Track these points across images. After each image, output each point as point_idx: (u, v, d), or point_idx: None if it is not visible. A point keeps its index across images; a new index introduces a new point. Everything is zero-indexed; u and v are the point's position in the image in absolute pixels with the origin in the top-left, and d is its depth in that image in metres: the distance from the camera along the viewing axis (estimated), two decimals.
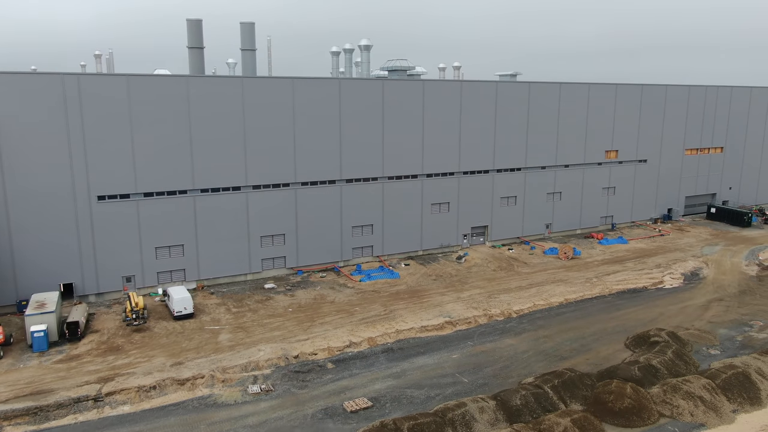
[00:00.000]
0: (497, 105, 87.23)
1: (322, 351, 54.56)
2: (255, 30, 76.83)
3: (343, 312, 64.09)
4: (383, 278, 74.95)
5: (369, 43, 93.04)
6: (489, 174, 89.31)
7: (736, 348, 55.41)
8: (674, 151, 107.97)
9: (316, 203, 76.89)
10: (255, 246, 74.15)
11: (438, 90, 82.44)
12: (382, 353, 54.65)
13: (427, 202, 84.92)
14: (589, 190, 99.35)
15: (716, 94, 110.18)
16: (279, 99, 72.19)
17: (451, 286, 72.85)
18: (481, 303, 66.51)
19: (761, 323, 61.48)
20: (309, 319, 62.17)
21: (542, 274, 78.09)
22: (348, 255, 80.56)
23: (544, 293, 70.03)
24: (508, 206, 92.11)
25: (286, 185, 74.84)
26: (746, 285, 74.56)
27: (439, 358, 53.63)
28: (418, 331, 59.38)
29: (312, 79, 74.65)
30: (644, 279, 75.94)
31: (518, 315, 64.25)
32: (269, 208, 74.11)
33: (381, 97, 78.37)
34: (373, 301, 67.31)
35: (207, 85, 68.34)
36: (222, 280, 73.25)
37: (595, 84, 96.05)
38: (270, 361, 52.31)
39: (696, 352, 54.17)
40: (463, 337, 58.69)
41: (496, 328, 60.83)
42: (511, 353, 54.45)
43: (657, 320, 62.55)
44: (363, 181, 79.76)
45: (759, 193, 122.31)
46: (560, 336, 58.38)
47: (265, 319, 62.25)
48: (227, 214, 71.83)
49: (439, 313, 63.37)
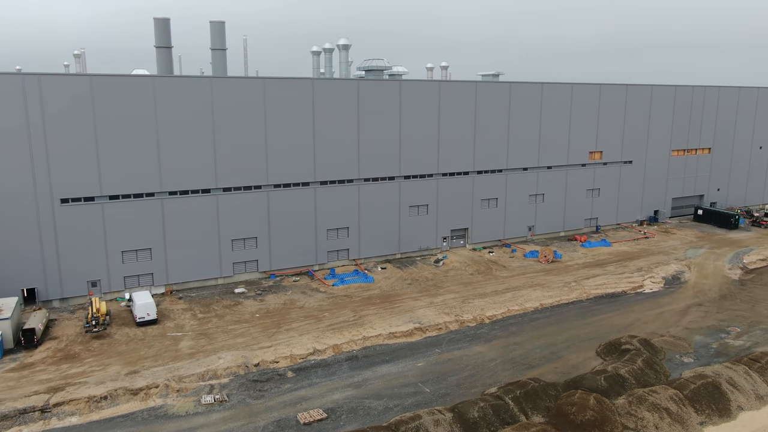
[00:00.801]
0: (477, 105, 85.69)
1: (285, 359, 53.03)
2: (225, 29, 75.44)
3: (311, 318, 62.57)
4: (357, 282, 73.43)
5: (347, 42, 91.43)
6: (469, 176, 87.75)
7: (711, 356, 53.87)
8: (660, 152, 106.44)
9: (290, 205, 75.36)
10: (226, 250, 72.62)
11: (415, 90, 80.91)
12: (346, 361, 53.12)
13: (405, 205, 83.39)
14: (572, 192, 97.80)
15: (703, 94, 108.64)
16: (250, 99, 70.67)
17: (426, 291, 71.33)
18: (454, 308, 64.98)
19: (738, 330, 59.94)
20: (275, 325, 60.65)
21: (520, 278, 76.55)
22: (323, 258, 79.04)
23: (520, 298, 68.49)
24: (489, 208, 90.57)
25: (258, 187, 73.31)
26: (728, 289, 73.01)
27: (404, 366, 52.10)
28: (385, 338, 57.85)
29: (284, 80, 73.11)
30: (624, 283, 74.39)
31: (491, 321, 62.73)
32: (240, 211, 72.60)
33: (356, 98, 76.83)
34: (344, 307, 65.78)
35: (174, 86, 66.81)
36: (192, 285, 71.72)
37: (579, 84, 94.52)
38: (229, 369, 50.78)
39: (668, 360, 52.64)
40: (431, 344, 57.17)
41: (466, 334, 59.30)
42: (478, 361, 52.91)
43: (632, 326, 61.03)
44: (338, 183, 78.23)
45: (748, 195, 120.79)
46: (531, 343, 56.84)
47: (231, 325, 60.73)
48: (196, 217, 70.30)
49: (409, 318, 61.83)
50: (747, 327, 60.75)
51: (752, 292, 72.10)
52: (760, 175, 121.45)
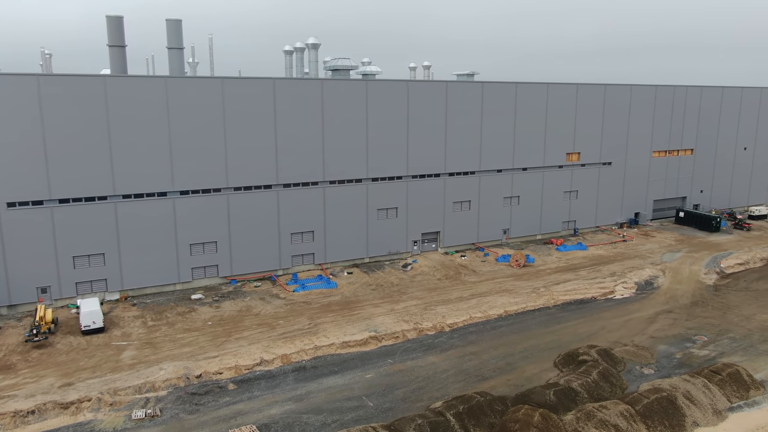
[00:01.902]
0: (448, 106, 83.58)
1: (229, 370, 50.95)
2: (182, 28, 73.26)
3: (265, 326, 60.50)
4: (319, 288, 71.34)
5: (317, 41, 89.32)
6: (440, 178, 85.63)
7: (673, 367, 51.75)
8: (641, 153, 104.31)
9: (251, 209, 73.27)
10: (184, 254, 70.54)
11: (383, 90, 78.81)
12: (293, 372, 51.04)
13: (373, 208, 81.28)
14: (549, 194, 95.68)
15: (685, 94, 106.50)
16: (208, 100, 68.59)
17: (389, 297, 69.23)
18: (414, 315, 62.89)
19: (705, 338, 57.83)
20: (226, 333, 58.58)
21: (488, 283, 74.44)
22: (287, 263, 76.94)
23: (485, 305, 66.39)
24: (462, 211, 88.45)
25: (217, 190, 71.22)
26: (700, 295, 70.90)
27: (351, 378, 50.01)
28: (338, 347, 55.77)
29: (243, 79, 71.06)
30: (594, 289, 72.28)
31: (451, 329, 60.64)
32: (199, 215, 70.51)
33: (320, 98, 74.73)
34: (301, 314, 63.71)
35: (127, 86, 64.70)
36: (148, 291, 69.65)
37: (555, 84, 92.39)
38: (169, 381, 48.71)
39: (628, 372, 50.53)
40: (386, 353, 55.08)
41: (423, 343, 57.21)
42: (429, 373, 50.82)
43: (597, 335, 58.95)
44: (302, 186, 76.13)
45: (732, 197, 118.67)
46: (488, 353, 54.74)
47: (180, 333, 58.65)
48: (152, 221, 68.20)
49: (366, 327, 59.74)
50: (715, 335, 58.64)
51: (726, 298, 69.98)
52: (744, 177, 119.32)
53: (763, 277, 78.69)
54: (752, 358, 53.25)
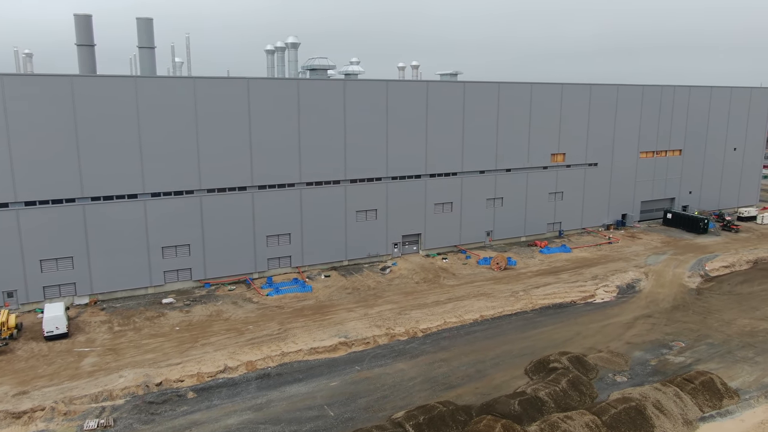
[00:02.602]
0: (429, 106, 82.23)
1: (191, 377, 49.62)
2: (153, 26, 71.84)
3: (234, 331, 59.16)
4: (293, 292, 70.00)
5: (296, 40, 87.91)
6: (421, 179, 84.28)
7: (647, 374, 50.41)
8: (628, 154, 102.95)
9: (225, 211, 71.93)
10: (156, 257, 69.19)
11: (362, 90, 77.48)
12: (256, 380, 49.71)
13: (351, 210, 79.92)
14: (534, 196, 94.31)
15: (673, 94, 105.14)
16: (180, 100, 67.24)
17: (364, 301, 67.89)
18: (387, 320, 61.53)
19: (683, 345, 56.48)
20: (193, 339, 57.25)
21: (467, 287, 73.10)
22: (263, 266, 75.60)
23: (461, 309, 65.04)
24: (444, 213, 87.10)
25: (189, 192, 69.88)
26: (682, 299, 69.55)
27: (316, 385, 48.68)
28: (306, 354, 54.43)
29: (216, 79, 69.74)
30: (575, 292, 70.92)
31: (424, 334, 59.29)
32: (171, 217, 69.16)
33: (296, 98, 73.39)
34: (272, 319, 62.36)
35: (95, 85, 63.36)
36: (119, 295, 68.32)
37: (539, 84, 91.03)
38: (127, 389, 47.38)
39: (600, 380, 49.19)
40: (354, 360, 53.75)
41: (394, 349, 55.87)
42: (396, 380, 49.47)
43: (572, 340, 57.60)
44: (278, 188, 74.80)
45: (722, 198, 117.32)
46: (459, 359, 53.40)
47: (146, 339, 57.32)
48: (122, 224, 66.85)
49: (337, 332, 58.40)
50: (693, 341, 57.29)
51: (708, 302, 68.63)
52: (734, 178, 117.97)
53: (748, 280, 77.35)
54: (729, 365, 51.91)
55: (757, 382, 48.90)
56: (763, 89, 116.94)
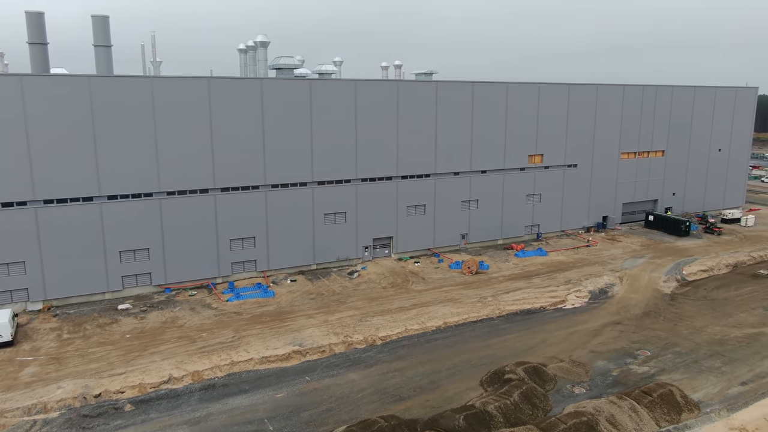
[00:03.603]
0: (399, 106, 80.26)
1: (132, 388, 47.68)
2: (109, 24, 69.89)
3: (186, 339, 57.21)
4: (255, 297, 68.05)
5: (266, 39, 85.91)
6: (392, 181, 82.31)
7: (607, 385, 48.45)
8: (608, 155, 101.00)
9: (186, 214, 69.97)
10: (113, 262, 67.24)
11: (329, 90, 75.52)
12: (200, 391, 47.77)
13: (319, 212, 77.96)
14: (510, 198, 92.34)
15: (655, 94, 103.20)
16: (137, 99, 65.28)
17: (326, 307, 65.93)
18: (347, 327, 59.58)
19: (648, 353, 54.50)
20: (142, 347, 55.30)
21: (435, 292, 71.13)
22: (227, 270, 73.64)
23: (425, 315, 63.09)
24: (416, 216, 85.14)
25: (148, 195, 67.92)
26: (654, 305, 67.59)
27: (261, 397, 46.74)
28: (257, 363, 52.47)
29: (175, 78, 67.82)
30: (545, 298, 68.98)
31: (383, 342, 57.33)
32: (129, 220, 67.21)
33: (260, 98, 71.45)
34: (228, 325, 60.42)
35: (44, 85, 61.40)
36: (75, 300, 66.36)
37: (515, 83, 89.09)
38: (63, 401, 45.43)
39: (557, 391, 47.23)
40: (306, 369, 51.79)
41: (350, 358, 53.92)
42: (345, 392, 47.53)
43: (535, 349, 55.65)
44: (242, 190, 72.85)
45: (706, 200, 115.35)
46: (414, 369, 51.44)
47: (93, 347, 55.38)
48: (78, 227, 64.89)
49: (292, 339, 56.45)
50: (659, 350, 55.33)
51: (681, 308, 66.68)
52: (719, 179, 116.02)
53: (725, 284, 75.41)
54: (693, 376, 49.97)
55: (721, 394, 46.97)
56: (748, 89, 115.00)
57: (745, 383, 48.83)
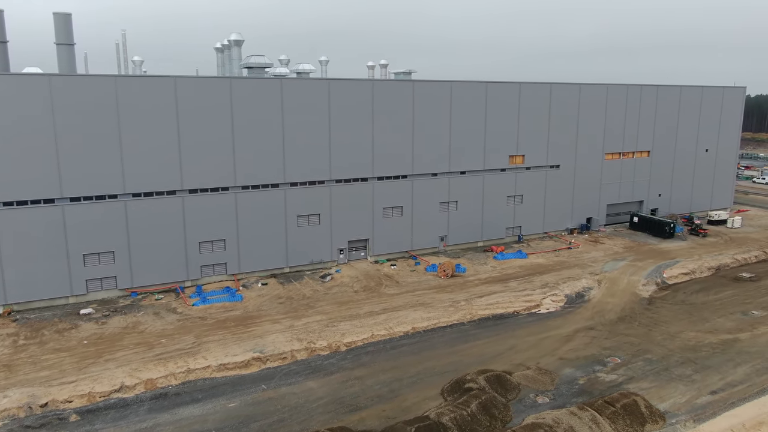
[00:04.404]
0: (375, 106, 78.70)
1: (81, 398, 46.12)
2: (72, 22, 68.41)
3: (144, 345, 55.65)
4: (222, 301, 66.50)
5: (240, 37, 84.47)
6: (368, 182, 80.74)
7: (572, 394, 46.87)
8: (592, 156, 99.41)
9: (152, 216, 68.42)
10: (77, 265, 65.69)
11: (301, 89, 73.96)
12: (151, 400, 46.22)
13: (292, 214, 76.42)
14: (491, 199, 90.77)
15: (639, 93, 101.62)
16: (101, 99, 63.71)
17: (294, 312, 64.37)
18: (312, 333, 58.02)
19: (618, 360, 52.92)
20: (98, 354, 53.73)
21: (408, 296, 69.56)
22: (196, 274, 72.08)
23: (393, 320, 61.53)
24: (393, 218, 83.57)
25: (113, 196, 66.36)
26: (631, 309, 66.03)
27: (212, 407, 45.18)
28: (214, 370, 50.94)
29: (140, 78, 66.33)
30: (520, 302, 67.42)
31: (347, 348, 55.78)
32: (92, 223, 65.65)
33: (229, 97, 69.91)
34: (190, 331, 58.86)
35: (6, 84, 59.86)
36: (37, 304, 64.81)
37: (494, 83, 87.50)
38: (8, 412, 43.89)
39: (519, 401, 45.66)
40: (265, 377, 50.24)
41: (311, 365, 52.36)
42: (301, 401, 45.97)
43: (503, 356, 54.08)
44: (211, 192, 71.30)
45: (693, 201, 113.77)
46: (375, 377, 49.88)
47: (48, 354, 53.81)
48: (38, 230, 63.33)
49: (254, 346, 54.89)
50: (630, 357, 53.76)
51: (657, 313, 65.12)
52: (706, 180, 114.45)
53: (705, 288, 73.85)
54: (662, 384, 48.39)
55: (689, 404, 45.40)
56: (736, 88, 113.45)
57: (715, 392, 47.29)
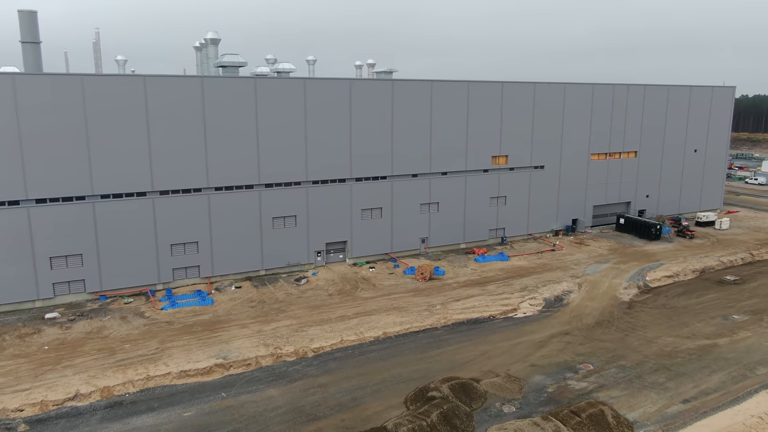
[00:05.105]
0: (353, 105, 77.32)
1: (33, 406, 44.71)
2: (37, 20, 66.99)
3: (106, 351, 54.23)
4: (191, 305, 65.11)
5: (216, 36, 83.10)
6: (346, 183, 79.34)
7: (539, 403, 45.43)
8: (577, 157, 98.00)
9: (122, 218, 67.03)
10: (43, 268, 64.30)
11: (276, 89, 72.58)
12: (105, 409, 44.80)
13: (267, 216, 75.01)
14: (473, 200, 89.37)
15: (626, 93, 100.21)
16: (66, 98, 62.32)
17: (264, 316, 62.96)
18: (280, 338, 56.61)
19: (591, 367, 51.48)
20: (57, 360, 52.32)
21: (383, 299, 68.15)
22: (168, 277, 70.68)
23: (365, 325, 60.12)
24: (372, 219, 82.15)
25: (80, 198, 64.99)
26: (609, 314, 64.61)
27: (167, 416, 43.76)
28: (175, 377, 49.51)
29: (107, 77, 64.98)
30: (496, 306, 65.99)
31: (315, 354, 54.35)
32: (59, 225, 64.25)
33: (201, 97, 68.52)
34: (155, 336, 57.44)
35: None
36: (3, 309, 63.42)
37: (476, 82, 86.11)
38: None
39: (485, 410, 44.21)
40: (226, 384, 48.81)
41: (275, 372, 50.94)
42: (259, 410, 44.54)
43: (473, 362, 52.65)
44: (183, 193, 69.90)
45: (682, 202, 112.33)
46: (339, 385, 48.45)
47: (5, 360, 52.35)
48: (2, 233, 61.91)
49: (218, 352, 53.49)
50: (603, 363, 52.31)
51: (636, 317, 63.69)
52: (695, 181, 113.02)
53: (688, 291, 72.43)
54: (633, 393, 46.96)
55: (659, 413, 43.97)
56: (725, 88, 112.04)
57: (687, 401, 45.85)
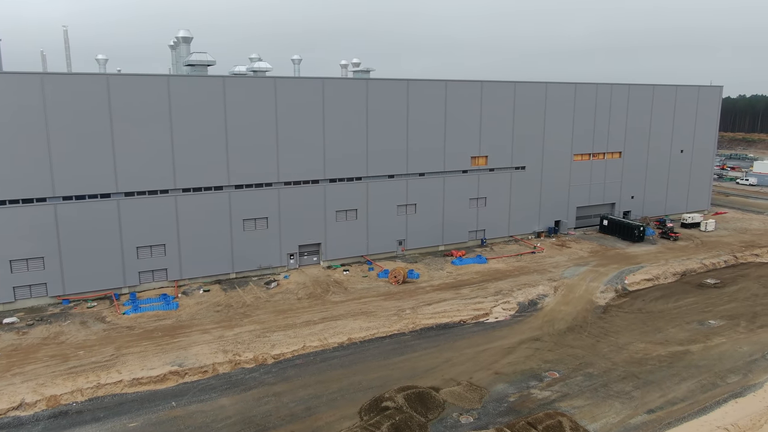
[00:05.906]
0: (326, 105, 75.77)
1: None
2: None
3: (59, 357, 52.70)
4: (155, 310, 63.58)
5: (188, 35, 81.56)
6: (320, 184, 77.80)
7: (498, 413, 43.89)
8: (560, 157, 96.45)
9: (85, 220, 65.49)
10: (3, 271, 62.75)
11: (246, 88, 71.04)
12: (49, 419, 43.29)
13: (237, 218, 73.47)
14: (452, 202, 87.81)
15: (610, 93, 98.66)
16: (26, 98, 60.78)
17: (228, 321, 61.42)
18: (241, 344, 55.08)
19: (557, 375, 49.93)
20: (7, 367, 50.76)
21: (353, 303, 66.60)
22: (134, 280, 69.12)
23: (330, 330, 58.58)
24: (347, 221, 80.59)
25: (41, 200, 63.45)
26: (582, 319, 63.06)
27: (111, 427, 42.22)
28: (126, 385, 47.99)
29: (69, 75, 63.46)
30: (468, 310, 64.44)
31: (275, 361, 52.83)
32: (19, 227, 62.68)
33: (167, 97, 66.99)
34: (112, 342, 55.91)
35: None
36: None
37: (454, 81, 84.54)
38: None
39: (440, 421, 42.67)
40: (178, 392, 47.29)
41: (230, 380, 49.41)
42: (207, 421, 43.01)
43: (436, 369, 51.09)
44: (149, 194, 68.34)
45: (668, 203, 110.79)
46: (294, 393, 46.91)
47: None
48: None
49: (174, 358, 51.95)
50: (570, 371, 50.77)
51: (610, 322, 62.15)
52: (681, 181, 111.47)
53: (666, 295, 70.89)
54: (597, 402, 45.41)
55: (621, 424, 42.42)
56: (712, 87, 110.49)
57: (653, 411, 44.31)
